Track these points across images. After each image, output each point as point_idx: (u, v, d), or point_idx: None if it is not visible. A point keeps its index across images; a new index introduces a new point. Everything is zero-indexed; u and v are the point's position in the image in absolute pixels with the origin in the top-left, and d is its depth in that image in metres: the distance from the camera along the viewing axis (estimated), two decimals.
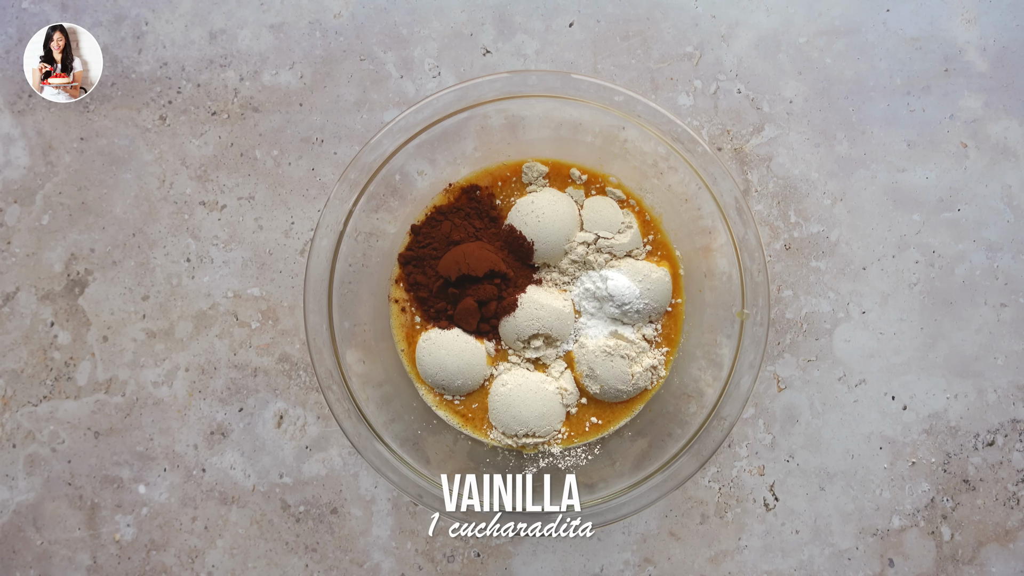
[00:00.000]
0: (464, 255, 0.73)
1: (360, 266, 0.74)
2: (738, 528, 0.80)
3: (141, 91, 0.82)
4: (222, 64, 0.82)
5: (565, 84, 0.69)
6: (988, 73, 0.81)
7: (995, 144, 0.81)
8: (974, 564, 0.80)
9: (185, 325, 0.81)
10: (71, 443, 0.81)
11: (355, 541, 0.81)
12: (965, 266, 0.81)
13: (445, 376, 0.74)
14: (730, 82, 0.81)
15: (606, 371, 0.74)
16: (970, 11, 0.81)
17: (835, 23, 0.81)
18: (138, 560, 0.81)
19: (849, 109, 0.81)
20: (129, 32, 0.82)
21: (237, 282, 0.81)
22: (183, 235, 0.82)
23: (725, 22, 0.81)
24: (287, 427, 0.81)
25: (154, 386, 0.81)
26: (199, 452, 0.81)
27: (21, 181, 0.82)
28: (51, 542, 0.81)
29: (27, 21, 0.82)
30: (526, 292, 0.74)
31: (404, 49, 0.81)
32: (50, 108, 0.82)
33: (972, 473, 0.80)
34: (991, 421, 0.80)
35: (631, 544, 0.80)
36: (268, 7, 0.82)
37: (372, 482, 0.81)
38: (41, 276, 0.82)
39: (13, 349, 0.82)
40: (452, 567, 0.80)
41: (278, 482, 0.81)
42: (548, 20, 0.81)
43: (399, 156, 0.71)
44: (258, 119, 0.81)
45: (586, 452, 0.77)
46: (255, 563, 0.81)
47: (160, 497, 0.81)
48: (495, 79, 0.69)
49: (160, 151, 0.82)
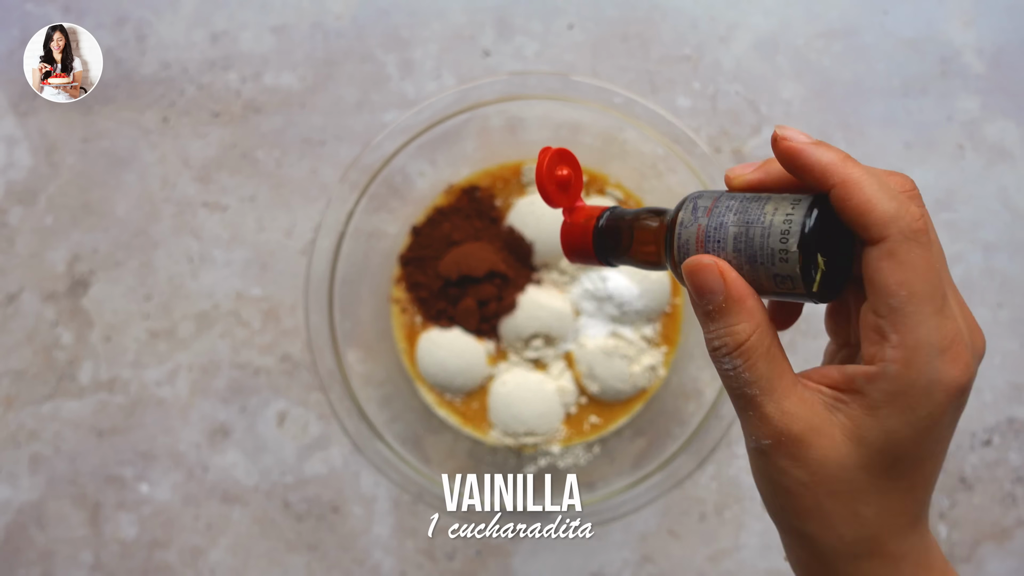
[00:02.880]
0: (464, 255, 0.73)
1: (361, 266, 0.74)
2: (737, 527, 0.81)
3: (144, 93, 0.82)
4: (224, 66, 0.82)
5: (565, 86, 0.70)
6: (985, 75, 0.81)
7: (992, 145, 0.81)
8: (971, 562, 0.80)
9: (187, 325, 0.82)
10: (74, 442, 0.82)
11: (356, 540, 0.81)
12: (962, 266, 0.81)
13: (445, 376, 0.75)
14: (728, 84, 0.82)
15: (605, 371, 0.74)
16: (967, 13, 0.82)
17: (833, 25, 0.82)
18: (140, 558, 0.81)
19: (847, 110, 0.82)
20: (132, 34, 0.82)
21: (239, 282, 0.82)
22: (185, 236, 0.82)
23: (723, 24, 0.82)
24: (289, 426, 0.81)
25: (156, 386, 0.82)
26: (201, 451, 0.81)
27: (24, 182, 0.82)
28: (54, 541, 0.81)
29: (30, 22, 0.83)
30: (526, 292, 0.75)
31: (405, 51, 0.82)
32: (53, 109, 0.83)
33: (969, 472, 0.81)
34: (988, 420, 0.81)
35: (630, 543, 0.81)
36: (270, 9, 0.82)
37: (373, 481, 0.81)
38: (44, 276, 0.82)
39: (16, 349, 0.82)
40: (452, 565, 0.81)
41: (280, 481, 0.81)
42: (548, 22, 0.82)
43: (400, 157, 0.71)
44: (260, 120, 0.82)
45: (586, 451, 0.77)
46: (257, 561, 0.81)
47: (162, 496, 0.81)
48: (495, 81, 0.70)
49: (162, 152, 0.82)
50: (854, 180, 0.33)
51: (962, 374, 0.32)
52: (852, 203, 0.33)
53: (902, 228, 0.32)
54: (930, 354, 0.32)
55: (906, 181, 0.35)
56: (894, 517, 0.34)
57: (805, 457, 0.34)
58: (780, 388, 0.35)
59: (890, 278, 0.32)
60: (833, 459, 0.33)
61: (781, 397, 0.35)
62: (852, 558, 0.35)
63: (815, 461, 0.34)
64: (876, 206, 0.32)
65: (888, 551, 0.35)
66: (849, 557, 0.35)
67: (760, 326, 0.35)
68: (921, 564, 0.36)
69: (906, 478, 0.34)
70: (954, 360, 0.32)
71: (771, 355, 0.36)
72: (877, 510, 0.34)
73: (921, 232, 0.32)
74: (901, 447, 0.33)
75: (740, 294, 0.35)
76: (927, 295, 0.32)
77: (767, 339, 0.36)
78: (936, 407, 0.32)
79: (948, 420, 0.33)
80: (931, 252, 0.33)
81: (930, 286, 0.32)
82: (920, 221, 0.32)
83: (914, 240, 0.32)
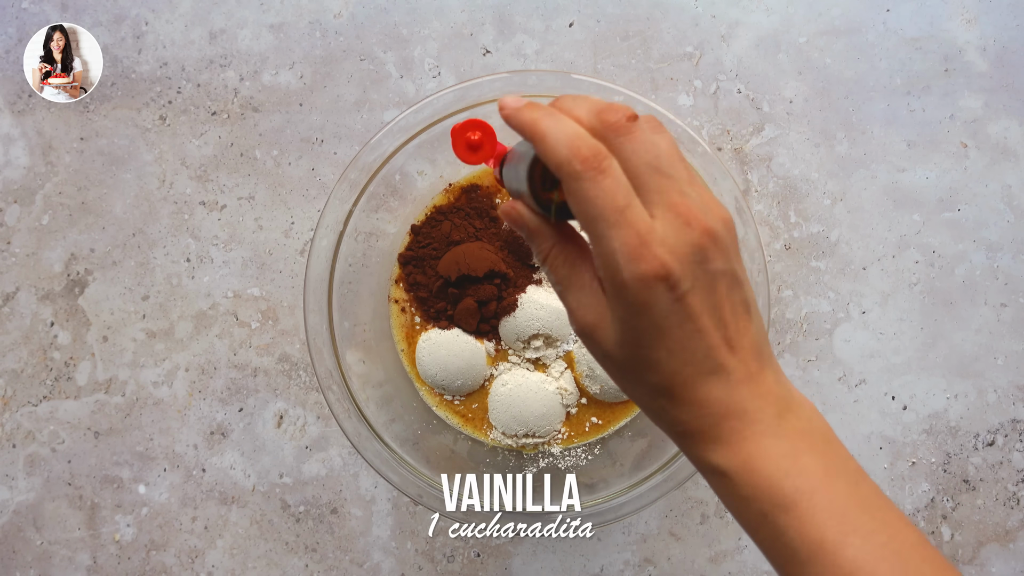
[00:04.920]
0: (464, 255, 0.73)
1: (360, 266, 0.74)
2: (738, 528, 0.80)
3: (141, 91, 0.82)
4: (222, 64, 0.82)
5: (565, 84, 0.69)
6: (988, 73, 0.81)
7: (995, 144, 0.81)
8: (974, 564, 0.80)
9: (185, 325, 0.81)
10: (71, 443, 0.81)
11: (355, 541, 0.81)
12: (965, 266, 0.81)
13: (445, 376, 0.74)
14: (730, 82, 0.81)
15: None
16: (970, 11, 0.81)
17: (835, 23, 0.81)
18: (138, 560, 0.81)
19: (849, 109, 0.81)
20: (129, 32, 0.82)
21: (237, 282, 0.81)
22: (183, 235, 0.82)
23: (725, 22, 0.81)
24: (287, 427, 0.81)
25: (154, 386, 0.81)
26: (199, 452, 0.81)
27: (21, 181, 0.82)
28: (51, 542, 0.81)
29: (27, 21, 0.82)
30: (526, 292, 0.74)
31: (404, 49, 0.81)
32: (50, 108, 0.82)
33: (972, 473, 0.80)
34: (991, 421, 0.80)
35: (631, 544, 0.80)
36: (268, 7, 0.82)
37: (372, 482, 0.81)
38: (41, 276, 0.82)
39: (13, 349, 0.82)
40: (452, 567, 0.80)
41: (278, 482, 0.81)
42: (548, 20, 0.81)
43: (399, 156, 0.71)
44: (258, 119, 0.81)
45: (586, 452, 0.77)
46: (255, 563, 0.81)
47: (160, 497, 0.81)
48: (495, 79, 0.69)
49: (160, 151, 0.82)
50: (540, 134, 0.40)
51: (649, 268, 0.38)
52: (541, 154, 0.41)
53: (569, 172, 0.39)
54: (613, 260, 0.39)
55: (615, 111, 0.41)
56: (672, 376, 0.41)
57: (595, 339, 0.43)
58: (576, 286, 0.43)
59: (575, 207, 0.40)
60: (611, 340, 0.42)
61: (577, 291, 0.43)
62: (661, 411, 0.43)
63: (601, 342, 0.42)
64: (552, 156, 0.40)
65: (685, 400, 0.42)
66: (658, 410, 0.43)
67: (555, 244, 0.44)
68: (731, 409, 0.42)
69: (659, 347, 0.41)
70: (636, 259, 0.38)
71: (570, 263, 0.43)
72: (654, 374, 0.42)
73: (586, 171, 0.39)
74: (634, 328, 0.41)
75: (533, 225, 0.44)
76: (599, 217, 0.39)
77: (565, 251, 0.44)
78: (636, 295, 0.39)
79: (663, 302, 0.39)
80: (602, 182, 0.39)
81: (598, 209, 0.39)
82: (586, 165, 0.39)
83: (579, 179, 0.39)
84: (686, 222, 0.39)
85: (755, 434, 0.41)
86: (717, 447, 0.42)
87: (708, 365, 0.41)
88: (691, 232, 0.39)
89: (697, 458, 0.43)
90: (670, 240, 0.39)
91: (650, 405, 0.44)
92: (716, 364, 0.41)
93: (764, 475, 0.41)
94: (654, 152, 0.40)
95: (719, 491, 0.43)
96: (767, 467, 0.41)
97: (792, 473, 0.41)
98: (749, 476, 0.41)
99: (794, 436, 0.42)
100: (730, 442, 0.42)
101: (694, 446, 0.43)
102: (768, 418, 0.42)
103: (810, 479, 0.41)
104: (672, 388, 0.42)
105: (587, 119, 0.41)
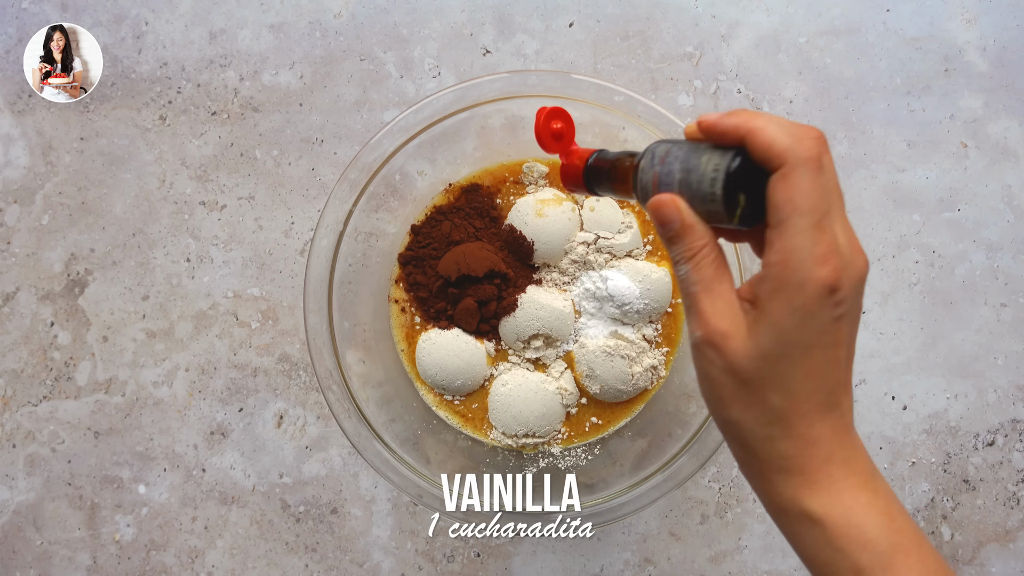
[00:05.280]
0: (464, 255, 0.73)
1: (360, 266, 0.74)
2: (738, 528, 0.80)
3: (141, 91, 0.82)
4: (222, 64, 0.82)
5: (565, 84, 0.69)
6: (988, 73, 0.81)
7: (995, 144, 0.81)
8: (974, 564, 0.80)
9: (185, 325, 0.81)
10: (71, 443, 0.81)
11: (355, 541, 0.81)
12: (965, 266, 0.81)
13: (445, 376, 0.74)
14: (730, 82, 0.81)
15: (606, 371, 0.73)
16: (970, 11, 0.81)
17: (835, 23, 0.81)
18: (138, 560, 0.81)
19: (849, 109, 0.81)
20: (129, 32, 0.82)
21: (237, 282, 0.81)
22: (183, 235, 0.82)
23: (725, 22, 0.81)
24: (287, 427, 0.81)
25: (154, 386, 0.81)
26: (199, 452, 0.81)
27: (21, 181, 0.82)
28: (51, 542, 0.81)
29: (27, 21, 0.82)
30: (526, 292, 0.74)
31: (404, 49, 0.81)
32: (50, 108, 0.82)
33: (972, 473, 0.80)
34: (991, 421, 0.80)
35: (631, 544, 0.80)
36: (268, 7, 0.82)
37: (372, 482, 0.81)
38: (41, 276, 0.82)
39: (13, 349, 0.82)
40: (452, 567, 0.80)
41: (278, 482, 0.81)
42: (548, 20, 0.81)
43: (399, 156, 0.71)
44: (258, 119, 0.81)
45: (586, 452, 0.77)
46: (255, 563, 0.81)
47: (160, 497, 0.81)
48: (495, 79, 0.69)
49: (160, 151, 0.82)
50: (759, 127, 0.40)
51: (831, 274, 0.38)
52: (758, 144, 0.40)
53: (795, 156, 0.39)
54: (803, 257, 0.38)
55: (812, 130, 0.41)
56: (798, 403, 0.40)
57: (724, 348, 0.41)
58: (715, 290, 0.42)
59: (780, 196, 0.39)
60: (742, 351, 0.40)
61: (715, 297, 0.42)
62: (767, 440, 0.41)
63: (731, 352, 0.41)
64: (775, 142, 0.39)
65: (798, 432, 0.40)
66: (764, 439, 0.41)
67: (708, 243, 0.43)
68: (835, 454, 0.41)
69: (799, 366, 0.40)
70: (824, 262, 0.38)
71: (716, 264, 0.43)
72: (781, 396, 0.40)
73: (812, 160, 0.39)
74: (787, 335, 0.39)
75: (691, 221, 0.43)
76: (807, 210, 0.38)
77: (713, 253, 0.43)
78: (808, 299, 0.38)
79: (825, 315, 0.39)
80: (819, 177, 0.39)
81: (811, 203, 0.38)
82: (813, 151, 0.39)
83: (803, 166, 0.38)
84: (858, 251, 0.40)
85: (853, 486, 0.41)
86: (815, 492, 0.40)
87: (830, 401, 0.40)
88: (859, 262, 0.40)
89: (789, 499, 0.41)
90: (846, 262, 0.39)
91: (758, 432, 0.41)
92: (835, 402, 0.41)
93: (863, 529, 0.40)
94: (837, 176, 0.41)
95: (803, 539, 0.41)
96: (867, 522, 0.40)
97: (891, 531, 0.40)
98: (847, 528, 0.40)
99: (886, 494, 0.42)
100: (830, 490, 0.40)
101: (791, 487, 0.41)
102: (865, 471, 0.41)
103: (904, 539, 0.40)
104: (790, 417, 0.40)
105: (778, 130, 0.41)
